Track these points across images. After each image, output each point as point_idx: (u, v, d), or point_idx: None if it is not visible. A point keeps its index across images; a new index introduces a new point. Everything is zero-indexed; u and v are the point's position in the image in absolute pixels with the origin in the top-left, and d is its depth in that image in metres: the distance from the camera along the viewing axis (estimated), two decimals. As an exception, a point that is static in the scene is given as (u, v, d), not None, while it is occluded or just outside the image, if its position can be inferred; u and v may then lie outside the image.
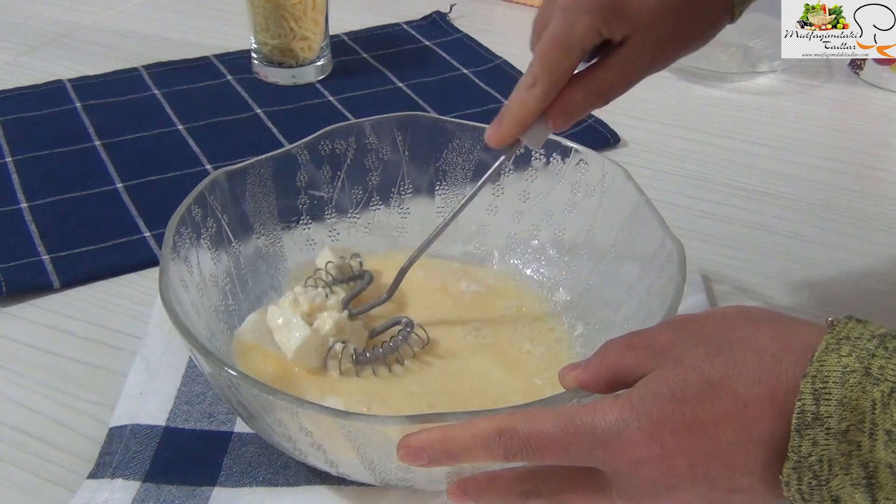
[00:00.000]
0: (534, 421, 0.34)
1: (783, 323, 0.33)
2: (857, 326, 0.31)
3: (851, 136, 0.78)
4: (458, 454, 0.35)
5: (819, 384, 0.29)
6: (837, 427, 0.29)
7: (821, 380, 0.29)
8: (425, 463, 0.36)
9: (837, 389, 0.29)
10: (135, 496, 0.43)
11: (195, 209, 0.48)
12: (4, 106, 0.78)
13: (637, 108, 0.81)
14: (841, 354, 0.30)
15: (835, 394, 0.29)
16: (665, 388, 0.32)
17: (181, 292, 0.44)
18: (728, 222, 0.66)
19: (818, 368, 0.30)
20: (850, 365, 0.29)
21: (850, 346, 0.30)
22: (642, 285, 0.48)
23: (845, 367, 0.29)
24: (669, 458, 0.32)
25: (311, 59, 0.83)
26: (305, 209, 0.55)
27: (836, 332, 0.31)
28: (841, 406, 0.29)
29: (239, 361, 0.48)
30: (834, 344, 0.30)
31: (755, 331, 0.33)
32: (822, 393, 0.29)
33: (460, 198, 0.57)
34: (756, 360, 0.32)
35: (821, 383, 0.29)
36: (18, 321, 0.55)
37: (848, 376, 0.29)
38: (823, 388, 0.29)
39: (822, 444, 0.29)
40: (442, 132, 0.57)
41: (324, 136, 0.55)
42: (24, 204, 0.65)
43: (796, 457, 0.30)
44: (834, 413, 0.29)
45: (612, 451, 0.33)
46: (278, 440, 0.41)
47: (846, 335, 0.31)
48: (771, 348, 0.32)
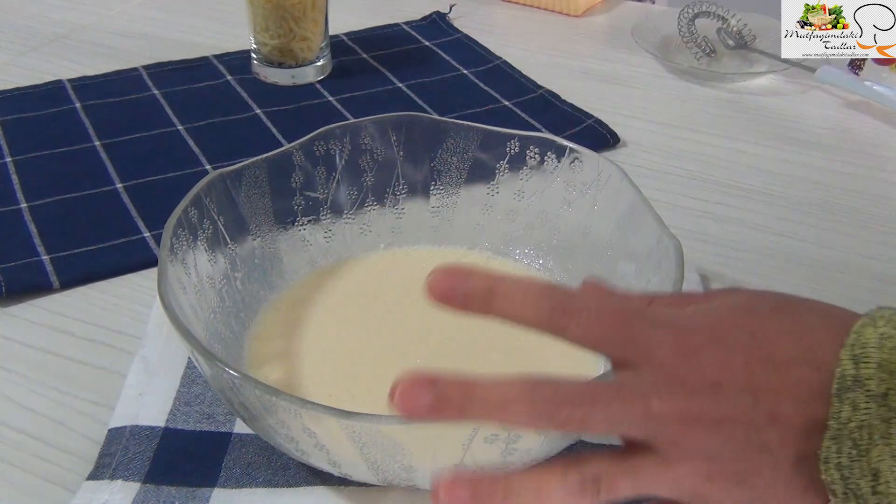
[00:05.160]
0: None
1: None
2: (887, 309, 0.32)
3: (851, 136, 0.78)
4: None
5: (858, 350, 0.30)
6: (877, 389, 0.29)
7: (859, 346, 0.30)
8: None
9: (876, 353, 0.30)
10: (134, 497, 0.43)
11: (192, 211, 0.48)
12: (4, 106, 0.79)
13: (637, 108, 0.81)
14: (877, 326, 0.31)
15: (873, 357, 0.30)
16: (741, 302, 0.33)
17: (180, 294, 0.44)
18: (727, 222, 0.66)
19: (855, 339, 0.30)
20: (886, 332, 0.30)
21: (884, 320, 0.31)
22: (639, 283, 0.48)
23: (882, 335, 0.30)
24: (726, 354, 0.31)
25: (310, 60, 0.83)
26: (301, 210, 0.55)
27: (870, 314, 0.32)
28: (880, 368, 0.29)
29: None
30: (869, 321, 0.31)
31: None
32: (861, 357, 0.30)
33: (455, 197, 0.57)
34: (830, 312, 0.33)
35: (860, 349, 0.30)
36: (18, 321, 0.55)
37: (885, 341, 0.30)
38: (862, 353, 0.30)
39: (862, 409, 0.29)
40: (436, 132, 0.57)
41: (318, 137, 0.55)
42: (24, 204, 0.65)
43: (836, 424, 0.30)
44: (874, 375, 0.29)
45: (673, 334, 0.31)
46: (280, 441, 0.41)
47: (880, 315, 0.31)
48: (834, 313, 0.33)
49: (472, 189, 0.57)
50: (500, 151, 0.56)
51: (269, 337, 0.51)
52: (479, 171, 0.57)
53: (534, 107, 0.80)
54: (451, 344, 0.51)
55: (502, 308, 0.32)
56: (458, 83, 0.84)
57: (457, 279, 0.32)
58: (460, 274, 0.32)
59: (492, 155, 0.56)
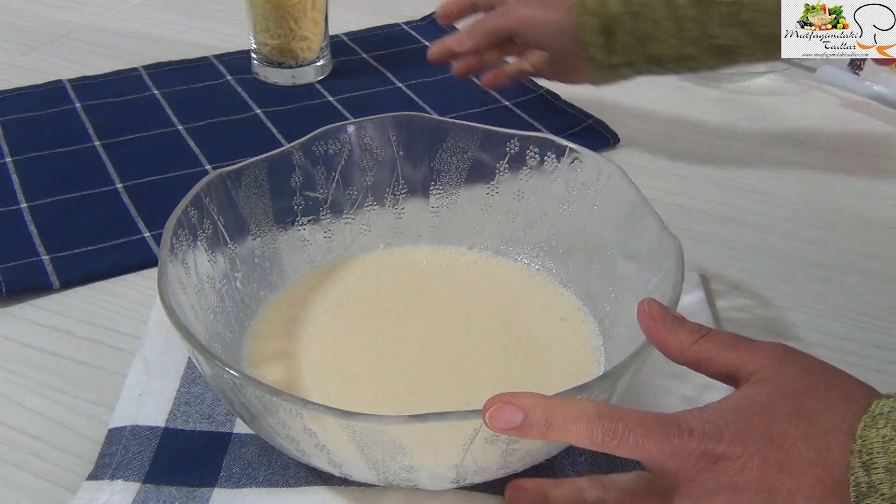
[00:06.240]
0: (634, 411, 0.36)
1: None
2: (887, 402, 0.35)
3: (851, 136, 0.78)
4: (558, 426, 0.35)
5: (865, 457, 0.34)
6: (890, 491, 0.33)
7: (866, 453, 0.34)
8: (517, 425, 0.35)
9: (882, 458, 0.33)
10: (134, 497, 0.43)
11: (191, 211, 0.48)
12: (4, 106, 0.79)
13: (637, 109, 0.81)
14: (878, 428, 0.34)
15: (880, 463, 0.33)
16: (758, 406, 0.36)
17: (180, 294, 0.44)
18: (727, 222, 0.66)
19: (861, 444, 0.34)
20: (887, 434, 0.34)
21: (883, 419, 0.34)
22: (640, 283, 0.48)
23: (884, 437, 0.34)
24: (745, 459, 0.35)
25: (310, 60, 0.83)
26: (301, 210, 0.55)
27: (870, 411, 0.35)
28: (888, 472, 0.33)
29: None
30: (871, 421, 0.34)
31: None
32: (870, 464, 0.33)
33: (455, 197, 0.57)
34: (845, 403, 0.36)
35: (867, 455, 0.34)
36: (18, 321, 0.55)
37: (888, 444, 0.33)
38: (870, 460, 0.33)
39: None
40: (436, 131, 0.57)
41: (318, 137, 0.55)
42: (24, 204, 0.65)
43: None
44: (885, 479, 0.33)
45: (702, 446, 0.35)
46: (281, 441, 0.41)
47: (879, 412, 0.35)
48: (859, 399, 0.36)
49: (472, 189, 0.57)
50: (499, 151, 0.56)
51: (268, 337, 0.51)
52: (478, 171, 0.57)
53: (534, 107, 0.80)
54: (450, 343, 0.51)
55: (558, 438, 0.36)
56: (458, 83, 0.84)
57: (514, 415, 0.35)
58: (517, 409, 0.35)
59: (491, 155, 0.56)
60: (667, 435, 0.35)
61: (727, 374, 0.38)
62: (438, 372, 0.49)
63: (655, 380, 0.49)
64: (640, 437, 0.35)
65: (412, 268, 0.57)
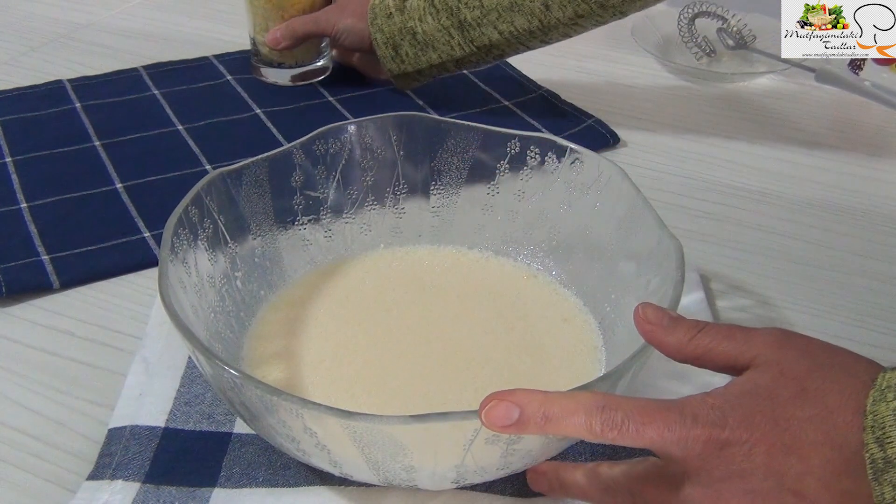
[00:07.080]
0: (635, 399, 0.35)
1: None
2: (893, 374, 0.35)
3: (851, 136, 0.78)
4: (556, 419, 0.35)
5: (878, 432, 0.33)
6: None
7: (879, 427, 0.33)
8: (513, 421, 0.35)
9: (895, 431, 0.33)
10: (134, 497, 0.43)
11: (192, 210, 0.48)
12: (4, 106, 0.79)
13: (637, 109, 0.81)
14: (888, 401, 0.33)
15: (895, 435, 0.33)
16: (762, 389, 0.35)
17: (180, 294, 0.44)
18: (727, 222, 0.66)
19: (873, 420, 0.33)
20: None
21: (892, 392, 0.34)
22: (640, 283, 0.48)
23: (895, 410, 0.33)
24: (751, 444, 0.34)
25: (310, 60, 0.83)
26: (301, 209, 0.55)
27: (877, 384, 0.34)
28: None
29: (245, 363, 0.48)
30: (879, 395, 0.34)
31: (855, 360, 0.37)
32: (884, 439, 0.33)
33: (455, 197, 0.57)
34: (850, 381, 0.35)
35: (879, 430, 0.33)
36: (18, 321, 0.55)
37: None
38: (883, 434, 0.33)
39: None
40: (436, 131, 0.57)
41: (318, 137, 0.55)
42: (24, 204, 0.65)
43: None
44: None
45: (707, 432, 0.35)
46: (281, 441, 0.41)
47: (887, 385, 0.34)
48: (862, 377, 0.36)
49: (473, 189, 0.57)
50: (500, 151, 0.56)
51: (269, 336, 0.51)
52: (479, 171, 0.57)
53: (534, 107, 0.80)
54: (451, 343, 0.51)
55: (557, 431, 0.35)
56: (458, 83, 0.84)
57: (511, 411, 0.35)
58: (513, 405, 0.35)
59: (492, 155, 0.56)
60: (669, 423, 0.35)
61: (728, 364, 0.38)
62: (439, 372, 0.49)
63: (656, 381, 0.49)
64: (640, 426, 0.35)
65: (413, 268, 0.57)
